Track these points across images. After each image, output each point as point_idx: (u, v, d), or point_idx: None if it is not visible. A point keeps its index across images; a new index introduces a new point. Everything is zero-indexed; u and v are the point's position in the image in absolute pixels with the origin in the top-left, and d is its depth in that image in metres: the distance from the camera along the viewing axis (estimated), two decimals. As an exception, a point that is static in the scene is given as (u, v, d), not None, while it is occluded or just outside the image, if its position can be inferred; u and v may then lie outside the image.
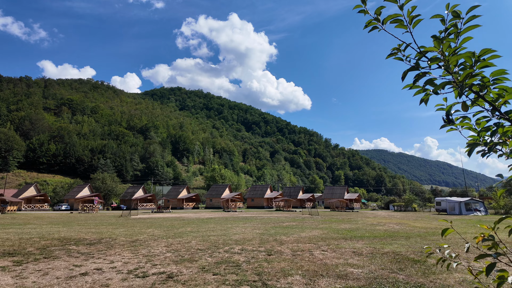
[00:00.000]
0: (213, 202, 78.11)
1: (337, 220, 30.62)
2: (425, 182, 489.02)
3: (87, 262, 9.35)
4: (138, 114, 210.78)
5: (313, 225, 24.37)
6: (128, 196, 79.85)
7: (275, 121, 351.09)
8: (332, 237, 16.22)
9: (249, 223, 26.50)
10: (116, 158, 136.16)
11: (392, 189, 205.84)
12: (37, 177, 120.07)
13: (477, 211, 50.47)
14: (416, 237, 16.61)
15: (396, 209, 71.22)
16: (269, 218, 33.27)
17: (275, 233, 17.81)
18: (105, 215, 43.33)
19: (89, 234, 17.24)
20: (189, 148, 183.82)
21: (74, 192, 76.93)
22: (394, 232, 19.31)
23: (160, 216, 41.12)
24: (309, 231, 19.40)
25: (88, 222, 28.05)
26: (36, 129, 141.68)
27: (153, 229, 20.76)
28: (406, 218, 37.08)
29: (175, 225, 24.00)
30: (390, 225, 25.19)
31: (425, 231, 19.81)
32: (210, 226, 22.73)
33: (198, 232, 18.69)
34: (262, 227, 21.84)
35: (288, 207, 62.86)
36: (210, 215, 42.91)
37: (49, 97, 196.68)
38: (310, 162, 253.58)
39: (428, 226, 23.83)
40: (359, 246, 12.98)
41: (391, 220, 32.25)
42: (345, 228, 21.44)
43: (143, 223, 26.56)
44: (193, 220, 30.36)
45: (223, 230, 19.56)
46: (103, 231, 19.33)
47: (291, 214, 45.61)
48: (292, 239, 15.14)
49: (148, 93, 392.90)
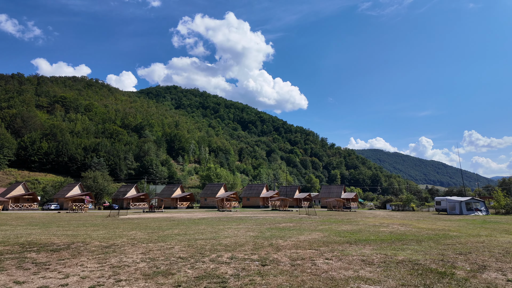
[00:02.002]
0: (208, 202, 76.20)
1: (337, 221, 28.93)
2: (420, 181, 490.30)
3: (35, 277, 7.51)
4: (133, 112, 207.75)
5: (311, 226, 22.63)
6: (120, 195, 77.78)
7: (271, 120, 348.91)
8: (335, 241, 14.47)
9: (243, 224, 24.72)
10: (109, 157, 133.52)
11: (388, 188, 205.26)
12: (28, 175, 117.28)
13: (478, 211, 49.10)
14: (428, 240, 14.92)
15: (394, 208, 69.85)
16: (265, 219, 31.50)
17: (271, 236, 16.03)
18: (93, 215, 41.31)
19: (61, 238, 15.34)
20: (184, 147, 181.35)
21: (64, 191, 74.64)
22: (401, 234, 17.62)
23: (151, 216, 39.20)
24: (308, 233, 17.64)
25: (70, 223, 26.11)
26: (28, 127, 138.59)
27: (137, 231, 18.89)
28: (408, 218, 35.52)
29: (162, 227, 22.14)
30: (394, 226, 23.54)
31: (434, 233, 18.14)
32: (200, 228, 20.90)
33: (185, 235, 16.86)
34: (257, 229, 20.06)
35: (284, 207, 61.17)
36: (203, 215, 41.06)
37: (42, 95, 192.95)
38: (306, 161, 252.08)
39: (434, 227, 22.20)
40: (368, 252, 11.25)
41: (392, 220, 30.63)
42: (347, 230, 19.72)
43: (128, 224, 24.67)
44: (184, 221, 28.50)
45: (213, 233, 17.74)
46: (80, 233, 17.43)
47: (287, 214, 43.89)
48: (290, 243, 13.36)
49: (144, 91, 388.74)
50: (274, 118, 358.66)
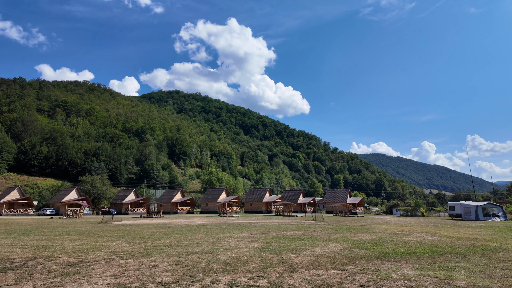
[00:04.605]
0: (209, 207, 73.40)
1: (349, 228, 26.13)
2: (424, 186, 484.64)
3: None
4: (134, 117, 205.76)
5: (324, 235, 19.88)
6: (119, 200, 75.16)
7: (273, 124, 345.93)
8: (359, 255, 11.76)
9: (246, 232, 21.99)
10: (110, 161, 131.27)
11: (392, 193, 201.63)
12: (27, 180, 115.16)
13: (495, 217, 46.05)
14: (473, 254, 12.18)
15: (402, 213, 66.77)
16: (269, 225, 28.76)
17: (280, 249, 13.34)
18: (86, 221, 38.68)
19: (26, 250, 12.70)
20: (186, 151, 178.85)
21: (60, 195, 72.15)
22: (433, 246, 14.85)
23: (147, 222, 36.52)
24: (324, 244, 14.91)
25: (54, 231, 23.49)
26: (28, 131, 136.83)
27: (122, 241, 16.22)
28: (424, 224, 32.66)
29: (154, 235, 19.46)
30: (417, 234, 20.75)
31: (471, 244, 15.35)
32: (197, 237, 18.18)
33: (177, 246, 14.18)
34: (262, 239, 17.35)
35: (288, 212, 58.30)
36: (203, 220, 38.32)
37: (43, 99, 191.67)
38: (309, 165, 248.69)
39: (465, 236, 19.38)
40: (411, 273, 8.55)
41: (410, 227, 27.79)
42: (366, 240, 16.96)
43: (118, 232, 22.02)
44: (180, 228, 25.80)
45: (211, 244, 15.05)
46: (54, 244, 14.79)
47: (292, 219, 41.07)
48: (306, 260, 10.65)
49: (146, 96, 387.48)
50: (276, 122, 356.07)
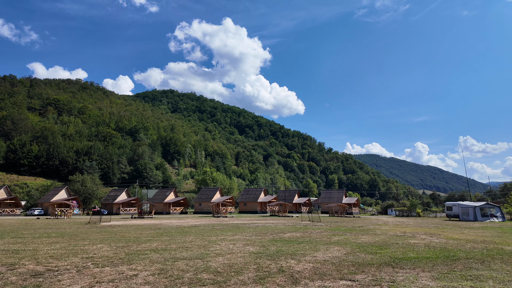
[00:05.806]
0: (203, 207, 71.94)
1: (348, 229, 24.98)
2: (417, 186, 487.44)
3: None
4: (127, 116, 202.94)
5: (324, 237, 18.67)
6: (110, 200, 73.38)
7: (268, 124, 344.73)
8: (366, 260, 10.56)
9: (240, 234, 20.70)
10: (102, 160, 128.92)
11: (386, 193, 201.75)
12: (17, 179, 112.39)
13: (493, 217, 45.49)
14: (493, 260, 11.04)
15: (398, 214, 66.08)
16: (265, 227, 27.50)
17: (277, 253, 12.09)
18: (73, 222, 37.04)
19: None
20: (180, 151, 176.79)
21: (49, 195, 70.13)
22: (443, 249, 13.71)
23: (137, 223, 35.04)
24: (325, 248, 13.69)
25: (35, 232, 21.96)
26: (18, 129, 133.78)
27: (105, 244, 14.83)
28: (424, 225, 31.69)
29: (141, 238, 18.08)
30: (421, 236, 19.64)
31: (482, 247, 14.25)
32: (187, 240, 16.84)
33: (164, 250, 12.85)
34: (258, 241, 16.08)
35: (283, 212, 57.12)
36: (195, 221, 36.94)
37: (34, 97, 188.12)
38: (303, 165, 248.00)
39: (472, 238, 18.31)
40: (432, 284, 7.37)
41: (411, 228, 26.72)
42: (369, 243, 15.78)
43: (103, 234, 20.59)
44: (171, 230, 24.41)
45: (201, 248, 13.74)
46: (27, 248, 13.37)
47: (288, 220, 39.87)
48: (308, 267, 9.41)
49: (140, 95, 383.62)
50: (271, 123, 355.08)
